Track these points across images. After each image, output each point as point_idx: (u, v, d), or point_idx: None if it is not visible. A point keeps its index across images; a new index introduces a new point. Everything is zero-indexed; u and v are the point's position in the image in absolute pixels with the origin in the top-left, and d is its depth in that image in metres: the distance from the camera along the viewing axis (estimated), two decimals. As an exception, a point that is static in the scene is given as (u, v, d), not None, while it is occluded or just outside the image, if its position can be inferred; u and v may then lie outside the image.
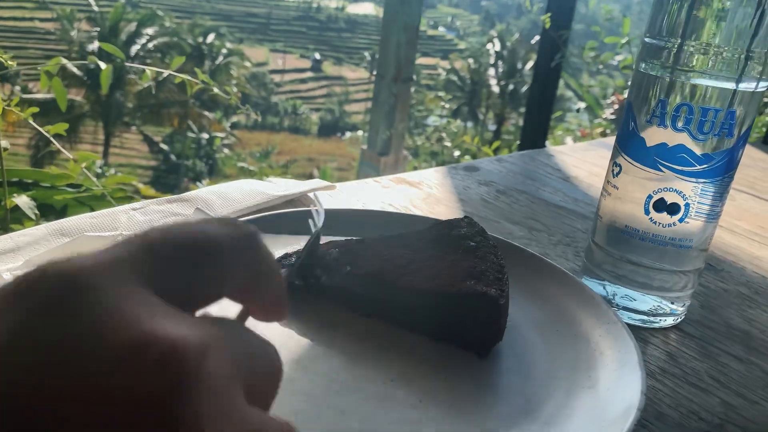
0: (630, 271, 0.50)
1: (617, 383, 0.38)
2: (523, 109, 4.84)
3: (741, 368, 0.47)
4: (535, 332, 0.45)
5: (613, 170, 0.50)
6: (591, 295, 0.47)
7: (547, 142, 2.37)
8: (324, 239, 0.51)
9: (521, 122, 4.61)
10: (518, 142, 2.18)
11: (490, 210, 0.70)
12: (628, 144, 0.48)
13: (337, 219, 0.56)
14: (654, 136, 0.46)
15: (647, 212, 0.48)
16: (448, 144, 3.09)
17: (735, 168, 0.47)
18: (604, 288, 0.52)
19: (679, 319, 0.51)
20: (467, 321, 0.41)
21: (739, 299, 0.57)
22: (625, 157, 0.49)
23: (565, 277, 0.49)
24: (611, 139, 1.07)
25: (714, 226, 0.49)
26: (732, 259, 0.65)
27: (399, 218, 0.57)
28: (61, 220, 0.52)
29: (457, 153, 2.84)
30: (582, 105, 3.77)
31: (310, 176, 4.40)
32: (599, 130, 3.51)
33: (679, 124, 0.45)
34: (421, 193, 0.73)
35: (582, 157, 0.92)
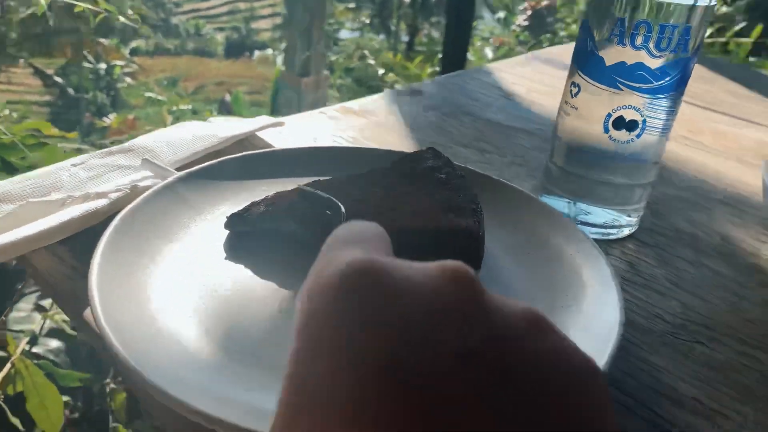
0: (589, 188, 0.52)
1: (596, 300, 0.41)
2: (434, 19, 4.77)
3: (694, 271, 0.51)
4: (509, 258, 0.46)
5: (571, 90, 0.51)
6: (558, 216, 0.48)
7: (469, 55, 2.37)
8: (289, 182, 0.50)
9: (434, 33, 4.55)
10: (440, 56, 2.16)
11: (440, 135, 0.70)
12: (587, 63, 0.49)
13: (297, 159, 0.54)
14: (613, 54, 0.47)
15: (606, 130, 0.49)
16: (372, 62, 3.00)
17: (687, 82, 0.48)
18: (565, 205, 0.53)
19: (634, 229, 0.54)
20: (447, 255, 0.42)
21: (683, 204, 0.61)
22: (584, 76, 0.49)
23: (530, 200, 0.50)
24: (544, 52, 1.08)
25: (666, 139, 0.51)
26: (672, 165, 0.69)
27: (360, 153, 0.56)
28: (-5, 185, 0.48)
29: (381, 71, 2.78)
30: (501, 14, 3.77)
31: (222, 102, 4.17)
32: (512, 38, 3.54)
33: (638, 42, 0.45)
34: (369, 122, 0.72)
35: (519, 73, 0.93)
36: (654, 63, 0.46)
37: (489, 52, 3.07)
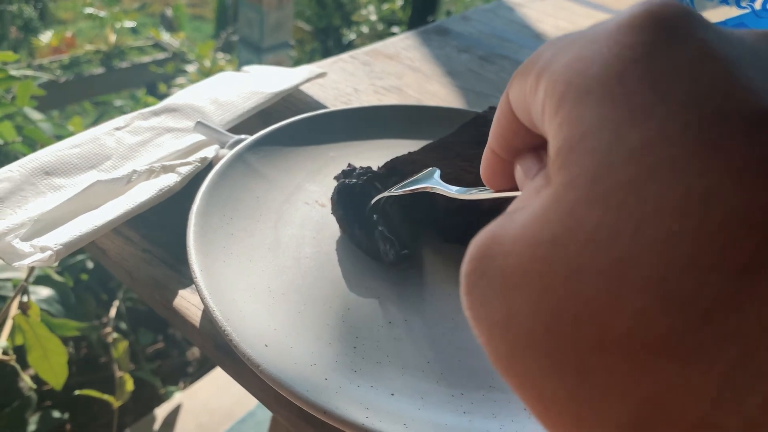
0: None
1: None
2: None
3: None
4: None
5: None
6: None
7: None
8: (354, 146, 0.47)
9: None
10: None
11: (482, 82, 0.67)
12: (680, 22, 0.46)
13: (358, 120, 0.51)
14: (712, 13, 0.44)
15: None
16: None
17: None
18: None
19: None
20: None
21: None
22: (674, 35, 0.46)
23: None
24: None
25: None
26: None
27: (423, 111, 0.52)
28: (38, 155, 0.42)
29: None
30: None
31: (162, 16, 3.87)
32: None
33: (744, 2, 0.43)
34: (405, 68, 0.67)
35: (541, 9, 0.89)
36: (756, 25, 0.44)
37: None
